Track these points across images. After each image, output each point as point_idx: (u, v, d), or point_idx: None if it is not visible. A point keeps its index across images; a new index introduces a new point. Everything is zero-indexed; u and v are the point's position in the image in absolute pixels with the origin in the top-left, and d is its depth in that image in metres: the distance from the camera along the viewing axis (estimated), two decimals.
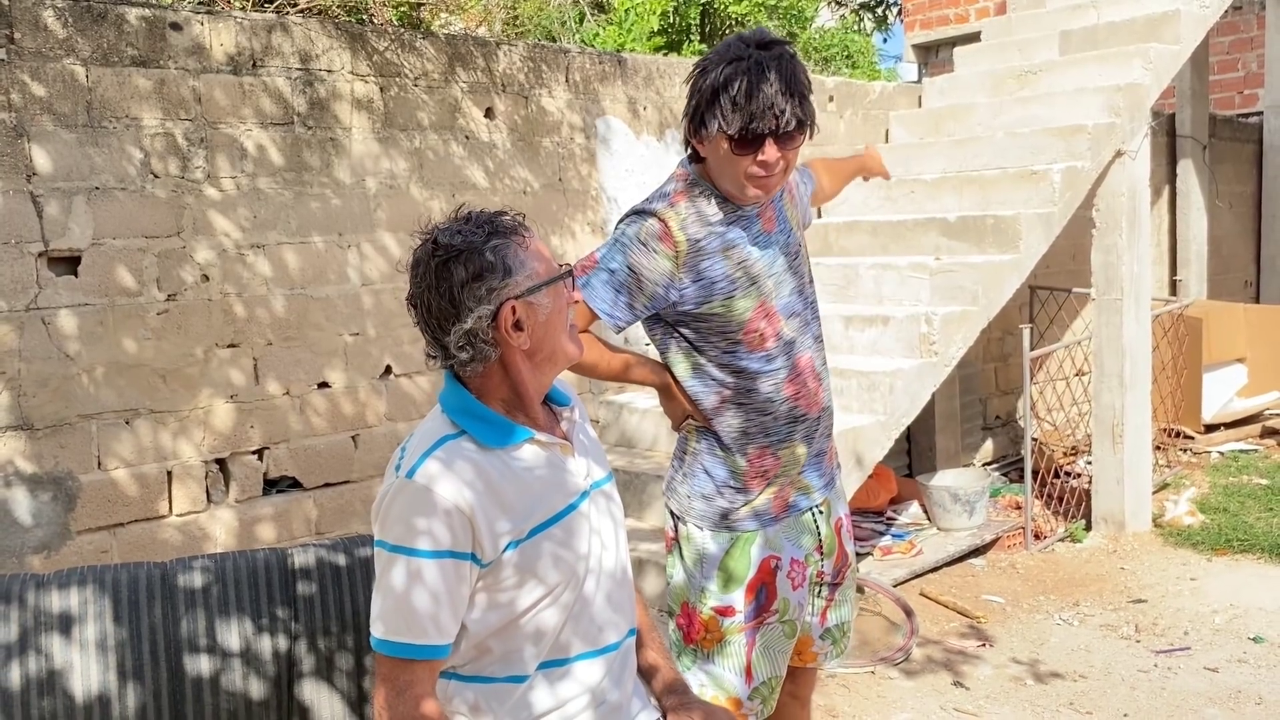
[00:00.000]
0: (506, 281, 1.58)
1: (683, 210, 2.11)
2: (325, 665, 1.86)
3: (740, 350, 2.16)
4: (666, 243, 2.08)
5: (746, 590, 2.20)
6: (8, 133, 3.19)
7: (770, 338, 2.17)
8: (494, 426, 1.63)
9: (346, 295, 3.89)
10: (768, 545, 2.22)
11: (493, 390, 1.65)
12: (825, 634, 2.40)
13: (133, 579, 1.80)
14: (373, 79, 3.94)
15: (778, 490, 2.23)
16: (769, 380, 2.18)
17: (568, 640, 1.65)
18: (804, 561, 2.27)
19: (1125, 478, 5.16)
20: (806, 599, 2.30)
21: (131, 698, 1.74)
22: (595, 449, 1.80)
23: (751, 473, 2.21)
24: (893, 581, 4.47)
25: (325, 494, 3.86)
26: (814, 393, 2.25)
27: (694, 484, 2.24)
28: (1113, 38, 5.56)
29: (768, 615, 2.23)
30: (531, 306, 1.61)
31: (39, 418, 3.28)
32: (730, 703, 2.21)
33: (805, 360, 2.25)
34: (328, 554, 1.93)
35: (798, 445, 2.23)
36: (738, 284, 2.13)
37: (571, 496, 1.67)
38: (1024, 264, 4.48)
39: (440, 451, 1.58)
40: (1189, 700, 3.47)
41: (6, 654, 1.68)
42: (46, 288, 3.28)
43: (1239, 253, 9.01)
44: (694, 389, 2.21)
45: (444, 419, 1.64)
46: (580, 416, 1.80)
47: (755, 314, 2.15)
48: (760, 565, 2.21)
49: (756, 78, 1.96)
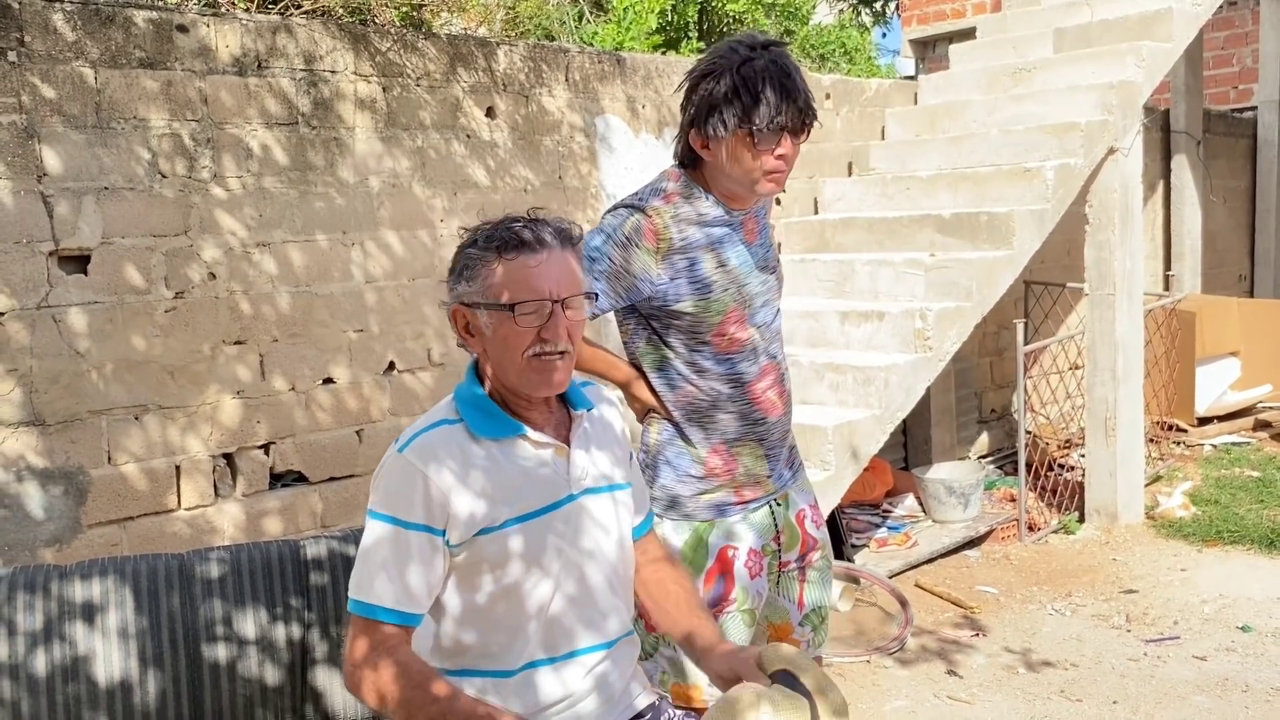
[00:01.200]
0: (461, 286, 1.70)
1: (673, 208, 2.18)
2: (338, 652, 1.93)
3: (707, 350, 2.22)
4: (649, 238, 2.14)
5: (705, 578, 2.26)
6: (19, 134, 3.25)
7: (738, 343, 2.24)
8: (489, 418, 1.71)
9: (350, 293, 3.96)
10: (725, 535, 2.28)
11: (488, 379, 1.74)
12: (804, 620, 2.45)
13: (152, 569, 1.87)
14: (375, 79, 4.00)
15: (735, 485, 2.29)
16: (732, 383, 2.25)
17: (568, 631, 1.72)
18: (761, 552, 2.32)
19: (1118, 470, 5.23)
20: (765, 588, 2.35)
21: (152, 684, 1.81)
22: (608, 460, 1.83)
23: (709, 466, 2.27)
24: (888, 573, 4.55)
25: (330, 488, 3.93)
26: (774, 400, 2.32)
27: (655, 474, 2.31)
28: (1106, 35, 5.63)
29: (726, 604, 2.28)
30: (476, 317, 1.69)
31: (50, 413, 3.34)
32: (692, 689, 2.27)
33: (769, 367, 2.31)
34: (339, 545, 2.00)
35: (755, 445, 2.29)
36: (714, 286, 2.19)
37: (555, 497, 1.72)
38: (1017, 260, 4.55)
39: (433, 432, 1.68)
40: (1177, 688, 3.54)
41: (32, 641, 1.75)
42: (57, 286, 3.34)
43: (1233, 247, 9.08)
44: (658, 383, 2.28)
45: (450, 405, 1.74)
46: (597, 424, 1.84)
47: (727, 318, 2.21)
48: (718, 554, 2.27)
49: (777, 74, 2.05)
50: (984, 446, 6.63)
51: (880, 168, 5.65)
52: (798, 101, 2.06)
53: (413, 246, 4.11)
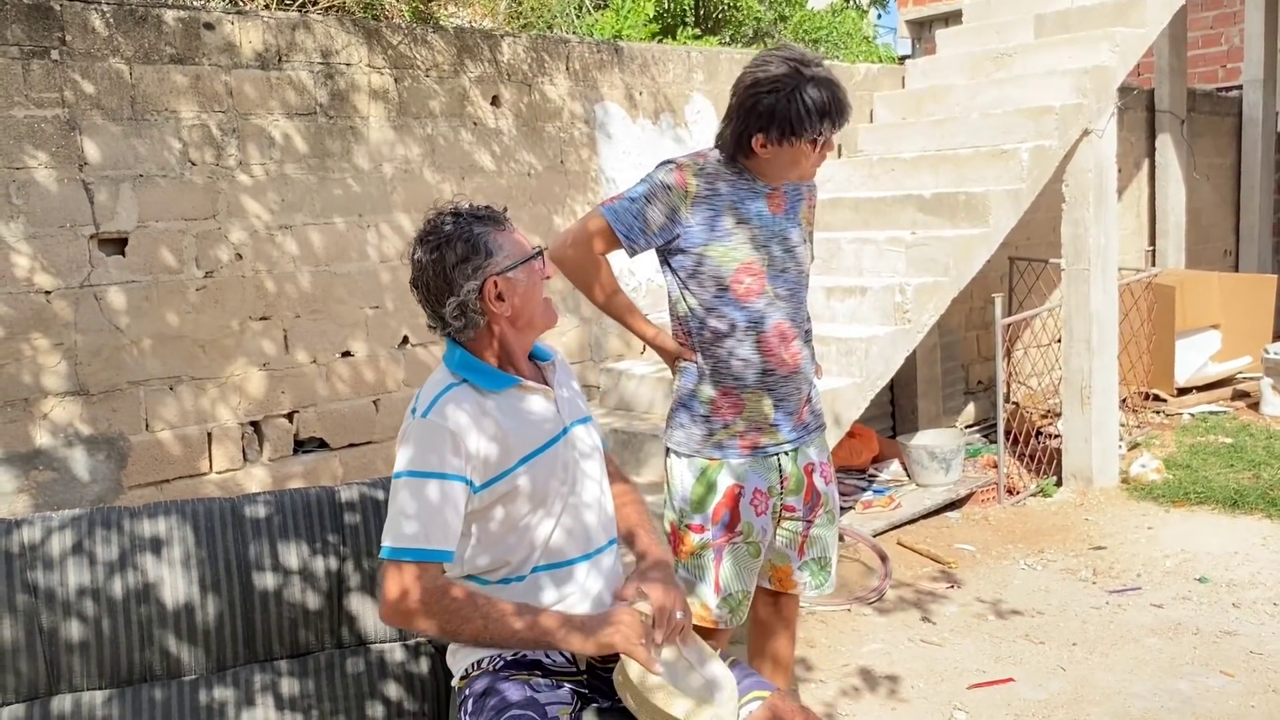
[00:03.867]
0: (489, 261, 1.97)
1: (703, 165, 2.55)
2: (369, 582, 2.22)
3: (726, 297, 2.55)
4: (680, 185, 2.51)
5: (714, 512, 2.59)
6: (61, 126, 3.53)
7: (754, 294, 2.56)
8: (488, 376, 2.01)
9: (366, 272, 4.24)
10: (733, 475, 2.60)
11: (484, 349, 2.03)
12: (803, 566, 2.77)
13: (208, 510, 2.16)
14: (388, 71, 4.27)
15: (745, 430, 2.60)
16: (746, 330, 2.57)
17: (561, 547, 2.02)
18: (767, 493, 2.64)
19: (1093, 436, 5.51)
20: (770, 526, 2.67)
21: (211, 607, 2.10)
22: (574, 396, 2.17)
23: (716, 405, 2.59)
24: (872, 532, 4.84)
25: (350, 453, 4.22)
26: (786, 358, 2.62)
27: (676, 416, 2.66)
28: (1084, 21, 5.86)
29: (734, 536, 2.60)
30: (510, 281, 1.99)
31: (93, 384, 3.64)
32: (702, 609, 2.59)
33: (787, 327, 2.62)
34: (369, 490, 2.29)
35: (764, 395, 2.59)
36: (734, 236, 2.54)
37: (549, 435, 2.04)
38: (993, 237, 4.81)
39: (448, 395, 1.96)
40: (1133, 632, 3.84)
41: (110, 569, 2.05)
42: (98, 267, 3.63)
43: (1218, 223, 9.32)
44: (685, 327, 2.62)
45: (447, 373, 2.02)
46: (560, 369, 2.17)
47: (743, 268, 2.55)
48: (726, 492, 2.59)
49: (832, 99, 2.44)
50: (970, 416, 6.91)
51: (867, 150, 5.91)
52: (845, 115, 2.49)
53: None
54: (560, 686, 1.98)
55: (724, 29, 7.31)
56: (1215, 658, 3.61)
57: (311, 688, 2.15)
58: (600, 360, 5.03)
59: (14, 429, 3.48)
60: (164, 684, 2.07)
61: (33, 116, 3.46)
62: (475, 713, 1.92)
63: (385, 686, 2.20)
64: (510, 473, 1.96)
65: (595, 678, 2.02)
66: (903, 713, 3.34)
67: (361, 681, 2.19)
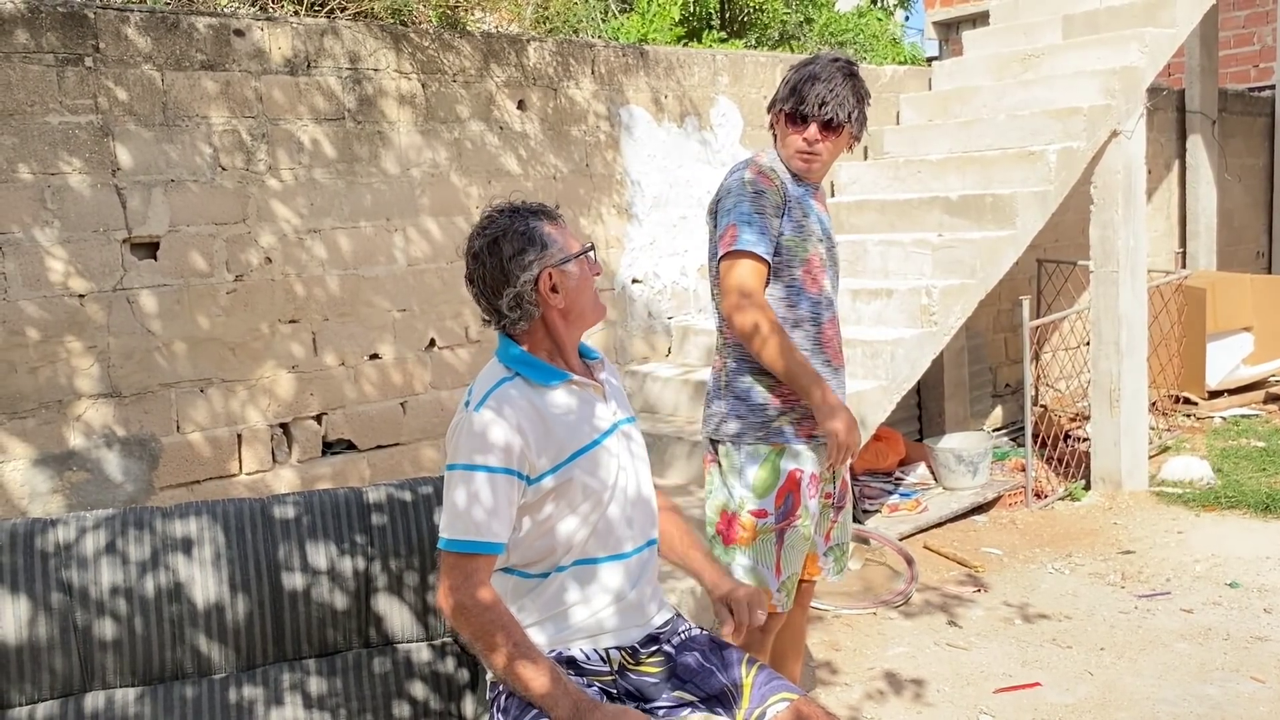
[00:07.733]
0: (544, 253, 2.02)
1: (772, 165, 2.67)
2: (396, 582, 2.24)
3: (798, 285, 2.67)
4: (767, 181, 2.62)
5: (776, 496, 2.66)
6: (95, 133, 3.58)
7: (818, 285, 2.70)
8: (540, 370, 2.04)
9: (394, 275, 4.28)
10: (793, 459, 2.67)
11: (537, 344, 2.07)
12: (828, 551, 2.88)
13: (238, 510, 2.19)
14: (415, 76, 4.30)
15: (802, 418, 2.67)
16: (811, 321, 2.69)
17: (593, 548, 2.03)
18: (819, 477, 2.73)
19: (1122, 439, 5.47)
20: (818, 510, 2.75)
21: (241, 606, 2.13)
22: (620, 394, 2.20)
23: (783, 394, 2.66)
24: (898, 536, 4.82)
25: (377, 455, 4.26)
26: (836, 351, 2.77)
27: (731, 408, 2.70)
28: (1113, 21, 5.83)
29: (794, 519, 2.67)
30: (564, 273, 2.03)
31: (126, 386, 3.69)
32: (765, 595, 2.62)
33: (836, 324, 2.78)
34: (396, 491, 2.31)
35: None
36: (803, 229, 2.67)
37: (600, 430, 2.06)
38: (1020, 239, 4.79)
39: (500, 390, 1.99)
40: (1162, 636, 3.81)
41: (142, 568, 2.08)
42: (130, 270, 3.68)
43: (1251, 224, 9.22)
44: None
45: (500, 366, 2.05)
46: (608, 368, 2.20)
47: (811, 260, 2.68)
48: (788, 476, 2.67)
49: (826, 76, 2.57)
50: (998, 419, 6.87)
51: (894, 151, 5.90)
52: (824, 97, 2.56)
53: (451, 232, 4.42)
54: (590, 686, 1.99)
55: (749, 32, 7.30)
56: (1246, 663, 3.58)
57: (339, 687, 2.17)
58: (625, 363, 5.04)
59: (48, 430, 3.54)
60: (194, 682, 2.10)
61: (67, 123, 3.52)
62: (507, 709, 1.95)
63: (412, 686, 2.22)
64: (563, 467, 1.99)
65: (625, 678, 2.04)
66: (928, 717, 3.33)
67: (389, 681, 2.21)
